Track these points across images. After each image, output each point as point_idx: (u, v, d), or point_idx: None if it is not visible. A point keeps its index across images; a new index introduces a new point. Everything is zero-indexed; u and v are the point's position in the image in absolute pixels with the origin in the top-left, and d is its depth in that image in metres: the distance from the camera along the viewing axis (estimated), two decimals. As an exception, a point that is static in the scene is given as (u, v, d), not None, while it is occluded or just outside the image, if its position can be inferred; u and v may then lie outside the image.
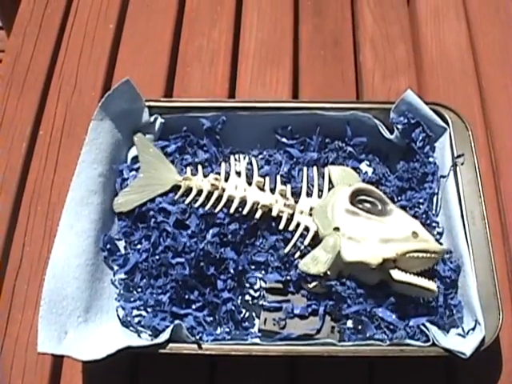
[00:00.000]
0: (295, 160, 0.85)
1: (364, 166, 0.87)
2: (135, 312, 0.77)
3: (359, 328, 0.74)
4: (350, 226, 0.74)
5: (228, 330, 0.75)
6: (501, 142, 0.93)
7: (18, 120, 0.96)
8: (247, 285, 0.79)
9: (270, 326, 0.75)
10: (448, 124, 0.83)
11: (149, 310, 0.77)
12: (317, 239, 0.76)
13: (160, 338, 0.70)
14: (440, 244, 0.78)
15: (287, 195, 0.80)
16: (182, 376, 0.77)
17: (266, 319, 0.75)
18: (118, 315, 0.75)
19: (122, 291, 0.78)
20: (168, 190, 0.80)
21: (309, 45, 1.06)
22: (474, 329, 0.71)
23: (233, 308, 0.75)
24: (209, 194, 0.79)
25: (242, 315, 0.77)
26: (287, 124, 0.86)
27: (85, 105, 0.97)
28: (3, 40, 1.46)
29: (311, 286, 0.75)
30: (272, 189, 0.81)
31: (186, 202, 0.79)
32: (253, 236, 0.80)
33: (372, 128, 0.85)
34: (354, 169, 0.85)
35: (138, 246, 0.79)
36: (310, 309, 0.75)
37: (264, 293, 0.77)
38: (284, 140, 0.86)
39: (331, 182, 0.82)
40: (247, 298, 0.78)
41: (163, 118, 0.85)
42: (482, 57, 1.03)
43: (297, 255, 0.77)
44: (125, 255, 0.79)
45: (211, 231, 0.77)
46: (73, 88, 0.99)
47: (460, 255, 0.75)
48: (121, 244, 0.81)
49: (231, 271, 0.76)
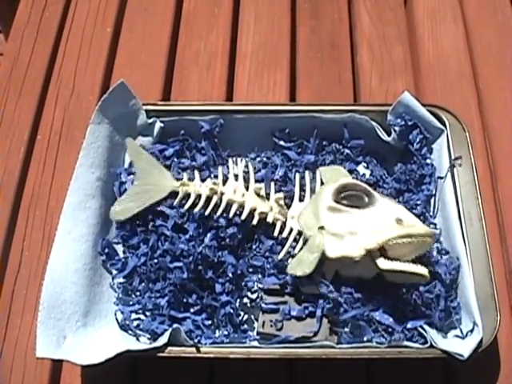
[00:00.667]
0: (293, 162, 0.86)
1: (361, 169, 0.87)
2: (134, 316, 0.77)
3: (357, 332, 0.74)
4: (333, 223, 0.74)
5: (226, 333, 0.75)
6: (498, 144, 0.93)
7: (16, 124, 0.96)
8: (245, 288, 0.79)
9: (269, 329, 0.75)
10: (445, 126, 0.83)
11: (147, 314, 0.77)
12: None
13: (158, 342, 0.70)
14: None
15: (281, 202, 0.80)
16: (181, 379, 0.77)
17: (264, 322, 0.75)
18: (117, 319, 0.75)
19: (121, 295, 0.78)
20: (165, 197, 0.80)
21: (306, 47, 1.06)
22: (472, 330, 0.71)
23: (231, 311, 0.75)
24: (207, 199, 0.79)
25: (241, 318, 0.77)
26: (285, 127, 0.86)
27: (83, 109, 0.97)
28: (1, 43, 1.45)
29: (307, 288, 0.75)
30: (267, 195, 0.81)
31: (185, 208, 0.78)
32: (250, 240, 0.80)
33: (369, 130, 0.85)
34: (352, 171, 0.85)
35: (137, 250, 0.79)
36: (307, 311, 0.75)
37: (262, 294, 0.77)
38: (281, 143, 0.86)
39: (323, 184, 0.82)
40: (245, 301, 0.79)
41: (161, 122, 0.85)
42: (479, 58, 1.03)
43: (290, 260, 0.77)
44: (123, 259, 0.79)
45: (209, 235, 0.77)
46: (71, 92, 0.99)
47: (457, 256, 0.75)
48: (119, 248, 0.81)
49: (229, 275, 0.77)
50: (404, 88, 0.97)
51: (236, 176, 0.82)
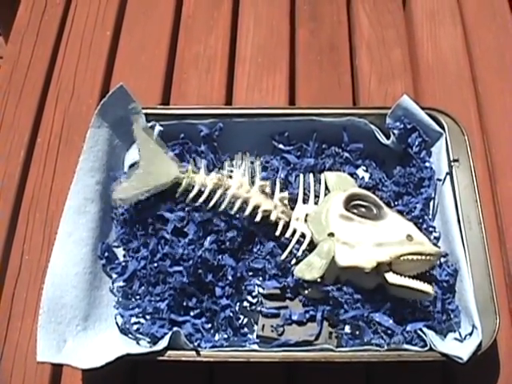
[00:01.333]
0: (292, 166, 0.86)
1: (361, 172, 0.87)
2: (134, 319, 0.77)
3: (357, 333, 0.75)
4: (344, 231, 0.75)
5: (226, 337, 0.75)
6: (497, 147, 0.93)
7: (16, 127, 0.96)
8: (245, 291, 0.79)
9: (268, 333, 0.75)
10: (444, 129, 0.83)
11: (147, 318, 0.77)
12: (313, 245, 0.76)
13: (158, 346, 0.70)
14: (437, 247, 0.78)
15: (285, 202, 0.80)
16: (181, 383, 0.77)
17: (264, 325, 0.75)
18: (117, 323, 0.76)
19: (121, 299, 0.78)
20: (170, 186, 0.78)
21: (305, 50, 1.06)
22: (471, 333, 0.71)
23: (231, 315, 0.76)
24: (211, 192, 0.78)
25: (240, 322, 0.77)
26: (284, 130, 0.86)
27: (82, 112, 0.97)
28: (1, 46, 1.45)
29: (308, 292, 0.76)
30: (272, 193, 0.81)
31: (189, 199, 0.78)
32: (250, 242, 0.80)
33: (368, 133, 0.85)
34: (351, 174, 0.85)
35: (137, 254, 0.79)
36: (308, 315, 0.75)
37: (262, 299, 0.78)
38: (281, 146, 0.86)
39: (327, 188, 0.82)
40: (245, 305, 0.79)
41: (161, 126, 0.85)
42: (478, 61, 1.03)
43: (293, 262, 0.77)
44: (123, 263, 0.79)
45: (209, 238, 0.77)
46: (70, 95, 1.00)
47: (457, 260, 0.75)
48: (119, 252, 0.81)
49: (229, 278, 0.77)
50: (403, 91, 0.98)
51: (243, 171, 0.81)
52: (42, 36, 1.07)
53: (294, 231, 0.78)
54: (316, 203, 0.81)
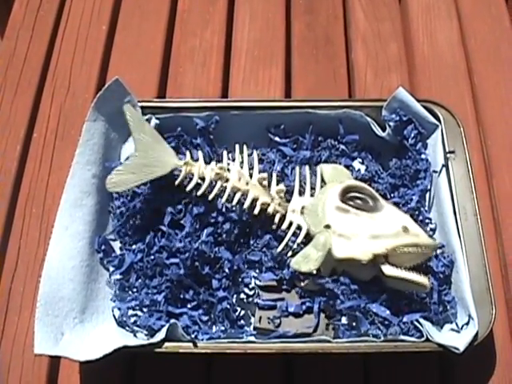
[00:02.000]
0: (288, 159, 0.86)
1: (357, 164, 0.87)
2: (131, 312, 0.77)
3: (353, 324, 0.75)
4: (341, 223, 0.75)
5: (223, 329, 0.76)
6: (493, 139, 0.93)
7: (12, 123, 0.96)
8: (242, 284, 0.79)
9: (265, 324, 0.75)
10: (440, 121, 0.83)
11: (144, 310, 0.77)
12: (309, 238, 0.76)
13: (156, 338, 0.70)
14: (432, 238, 0.78)
15: (281, 194, 0.80)
16: (179, 375, 0.77)
17: (261, 317, 0.76)
18: (114, 315, 0.76)
19: (118, 292, 0.78)
20: (167, 174, 0.78)
21: (301, 43, 1.06)
22: (468, 324, 0.72)
23: (228, 307, 0.76)
24: (211, 183, 0.78)
25: (237, 314, 0.77)
26: (280, 123, 0.86)
27: (78, 106, 0.97)
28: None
29: (304, 284, 0.76)
30: (269, 186, 0.81)
31: (188, 189, 0.77)
32: (247, 235, 0.80)
33: (364, 126, 0.85)
34: (347, 166, 0.85)
35: (133, 247, 0.79)
36: (305, 306, 0.75)
37: (259, 291, 0.78)
38: (277, 139, 0.86)
39: (323, 181, 0.82)
40: (242, 297, 0.79)
41: (157, 119, 0.85)
42: (474, 54, 1.03)
43: (289, 254, 0.77)
44: (120, 256, 0.79)
45: (206, 231, 0.78)
46: (66, 90, 1.00)
47: (453, 251, 0.76)
48: (116, 245, 0.81)
49: (226, 270, 0.77)
50: (399, 83, 0.97)
51: (241, 163, 0.81)
52: (38, 31, 1.07)
53: (291, 223, 0.78)
54: (312, 195, 0.81)
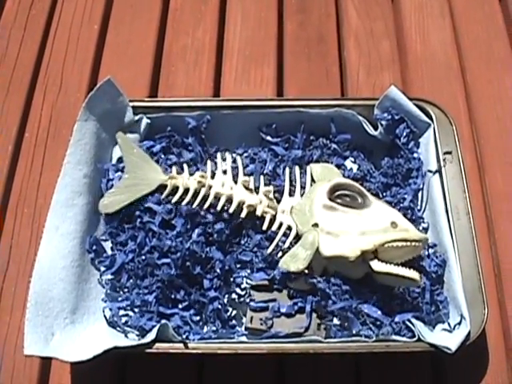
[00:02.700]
0: (280, 158, 0.85)
1: (349, 163, 0.87)
2: (122, 312, 0.77)
3: (345, 325, 0.75)
4: (329, 221, 0.75)
5: (215, 329, 0.75)
6: (485, 137, 0.93)
7: (4, 122, 0.96)
8: (233, 284, 0.79)
9: (257, 325, 0.75)
10: (432, 119, 0.83)
11: (135, 310, 0.77)
12: (299, 237, 0.76)
13: (147, 338, 0.70)
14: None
15: (270, 196, 0.80)
16: (170, 375, 0.77)
17: (253, 317, 0.75)
18: (105, 316, 0.75)
19: (109, 292, 0.78)
20: (154, 190, 0.80)
21: (293, 42, 1.06)
22: (460, 324, 0.71)
23: (219, 307, 0.75)
24: (195, 192, 0.79)
25: (229, 314, 0.77)
26: (272, 122, 0.86)
27: (70, 106, 0.97)
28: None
29: (295, 284, 0.76)
30: (257, 188, 0.81)
31: (173, 201, 0.78)
32: (238, 235, 0.80)
33: (356, 125, 0.85)
34: (339, 166, 0.85)
35: (125, 247, 0.79)
36: (297, 307, 0.75)
37: (250, 291, 0.77)
38: (269, 138, 0.86)
39: (313, 180, 0.82)
40: (233, 297, 0.79)
41: (148, 118, 0.85)
42: (467, 52, 1.03)
43: (280, 254, 0.77)
44: (111, 256, 0.79)
45: (197, 231, 0.77)
46: (58, 89, 0.99)
47: (445, 250, 0.76)
48: (107, 245, 0.80)
49: (217, 270, 0.77)
50: (391, 82, 0.97)
51: (224, 171, 0.82)
52: (30, 30, 1.07)
53: (281, 224, 0.78)
54: (302, 195, 0.80)
